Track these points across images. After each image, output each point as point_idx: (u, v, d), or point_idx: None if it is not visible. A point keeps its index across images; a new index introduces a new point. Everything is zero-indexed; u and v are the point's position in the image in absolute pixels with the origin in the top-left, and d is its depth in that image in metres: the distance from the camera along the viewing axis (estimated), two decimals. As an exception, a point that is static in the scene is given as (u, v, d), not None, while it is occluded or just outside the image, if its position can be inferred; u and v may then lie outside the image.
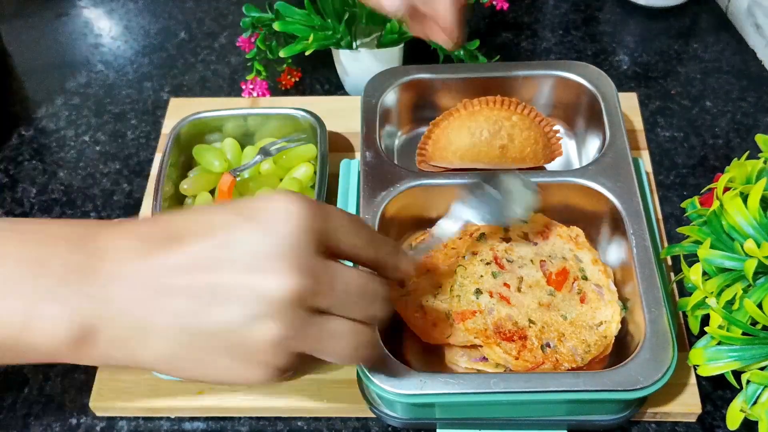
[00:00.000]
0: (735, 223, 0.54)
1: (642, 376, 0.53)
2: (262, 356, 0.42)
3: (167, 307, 0.41)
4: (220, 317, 0.41)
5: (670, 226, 0.72)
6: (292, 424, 0.62)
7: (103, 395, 0.62)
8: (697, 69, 0.87)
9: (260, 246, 0.41)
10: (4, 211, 0.77)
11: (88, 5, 0.98)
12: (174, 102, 0.82)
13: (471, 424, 0.59)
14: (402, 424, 0.60)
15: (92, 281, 0.41)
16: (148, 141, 0.82)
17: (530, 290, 0.60)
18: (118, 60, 0.91)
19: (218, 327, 0.41)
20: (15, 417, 0.63)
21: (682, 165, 0.78)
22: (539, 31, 0.92)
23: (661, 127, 0.81)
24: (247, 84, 0.82)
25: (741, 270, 0.53)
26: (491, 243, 0.62)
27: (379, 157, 0.66)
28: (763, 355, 0.53)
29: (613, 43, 0.90)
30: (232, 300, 0.41)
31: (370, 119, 0.69)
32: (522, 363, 0.56)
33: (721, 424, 0.61)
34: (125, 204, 0.77)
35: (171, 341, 0.42)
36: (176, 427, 0.63)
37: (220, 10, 0.96)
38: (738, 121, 0.81)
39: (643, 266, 0.59)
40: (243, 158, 0.74)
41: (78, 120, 0.85)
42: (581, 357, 0.57)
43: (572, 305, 0.60)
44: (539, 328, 0.58)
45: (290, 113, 0.74)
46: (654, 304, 0.57)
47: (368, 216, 0.62)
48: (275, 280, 0.41)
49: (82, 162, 0.81)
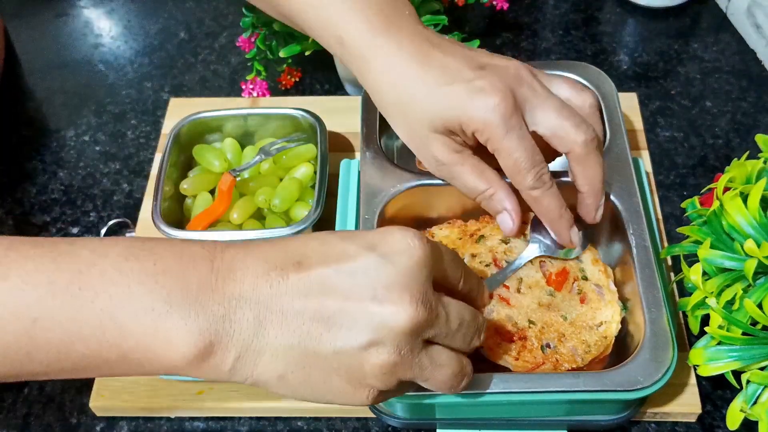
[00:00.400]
0: (735, 223, 0.54)
1: (642, 377, 0.53)
2: (372, 380, 0.45)
3: (290, 328, 0.44)
4: (340, 341, 0.44)
5: (670, 226, 0.72)
6: (292, 424, 0.62)
7: (103, 395, 0.62)
8: (697, 69, 0.87)
9: (382, 277, 0.44)
10: (4, 211, 0.77)
11: (88, 5, 0.98)
12: (174, 102, 0.82)
13: (471, 424, 0.59)
14: (402, 425, 0.60)
15: (219, 300, 0.43)
16: (148, 141, 0.82)
17: (530, 291, 0.60)
18: (118, 60, 0.91)
19: (336, 350, 0.44)
20: (15, 417, 0.63)
21: (682, 165, 0.78)
22: (539, 31, 0.92)
23: (661, 127, 0.81)
24: (247, 84, 0.82)
25: (741, 270, 0.53)
26: (490, 245, 0.62)
27: (379, 157, 0.66)
28: (763, 355, 0.53)
29: (613, 43, 0.90)
30: (352, 325, 0.44)
31: (370, 119, 0.69)
32: (522, 364, 0.56)
33: (721, 424, 0.61)
34: (125, 204, 0.77)
35: (290, 362, 0.44)
36: (176, 427, 0.63)
37: (220, 10, 0.96)
38: (738, 121, 0.81)
39: (643, 266, 0.59)
40: (243, 158, 0.74)
41: (78, 120, 0.85)
42: (581, 357, 0.57)
43: (572, 305, 0.60)
44: (539, 328, 0.58)
45: (290, 113, 0.74)
46: (654, 304, 0.57)
47: (368, 216, 0.62)
48: (395, 310, 0.43)
49: (82, 162, 0.81)
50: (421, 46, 0.55)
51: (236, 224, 0.69)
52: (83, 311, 0.42)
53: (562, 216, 0.57)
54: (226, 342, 0.43)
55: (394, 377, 0.45)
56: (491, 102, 0.52)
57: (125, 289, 0.43)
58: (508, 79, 0.53)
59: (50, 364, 0.43)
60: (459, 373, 0.48)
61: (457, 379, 0.48)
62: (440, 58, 0.55)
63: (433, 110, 0.54)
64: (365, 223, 0.62)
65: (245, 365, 0.44)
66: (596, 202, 0.58)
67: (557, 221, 0.57)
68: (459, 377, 0.49)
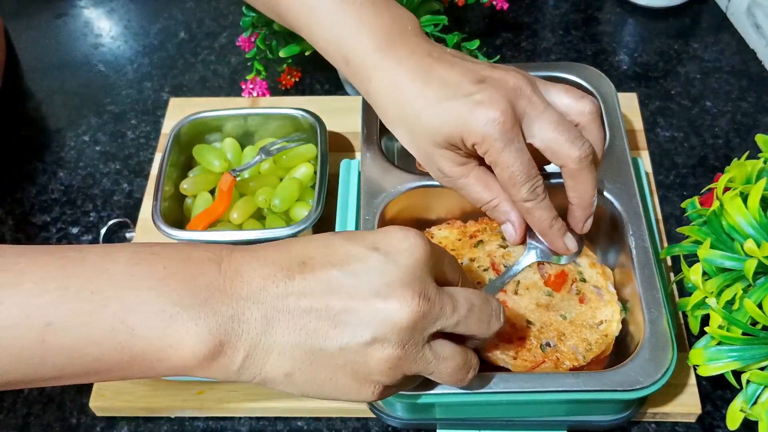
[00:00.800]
0: (735, 223, 0.54)
1: (642, 377, 0.53)
2: (377, 376, 0.46)
3: (297, 326, 0.45)
4: (345, 338, 0.45)
5: (670, 226, 0.72)
6: (292, 424, 0.62)
7: (103, 395, 0.62)
8: (697, 69, 0.87)
9: (385, 275, 0.45)
10: (4, 211, 0.77)
11: (88, 5, 0.98)
12: (174, 102, 0.82)
13: (471, 424, 0.59)
14: (402, 425, 0.60)
15: (228, 301, 0.44)
16: (148, 141, 0.82)
17: (527, 292, 0.60)
18: (118, 60, 0.91)
19: (342, 346, 0.45)
20: (15, 417, 0.63)
21: (682, 165, 0.78)
22: (539, 31, 0.92)
23: (661, 127, 0.81)
24: (247, 84, 0.82)
25: (741, 270, 0.53)
26: (489, 249, 0.62)
27: (379, 158, 0.66)
28: (763, 355, 0.53)
29: (612, 43, 0.90)
30: (356, 322, 0.45)
31: (370, 119, 0.69)
32: (521, 363, 0.56)
33: (721, 424, 0.61)
34: (125, 204, 0.77)
35: (297, 359, 0.45)
36: (176, 427, 0.63)
37: (220, 10, 0.96)
38: (738, 121, 0.81)
39: (643, 266, 0.59)
40: (243, 158, 0.74)
41: (78, 120, 0.85)
42: (583, 355, 0.57)
43: (571, 305, 0.60)
44: (538, 328, 0.58)
45: (290, 113, 0.74)
46: (654, 305, 0.57)
47: (368, 217, 0.62)
48: (397, 305, 0.45)
49: (82, 162, 0.81)
50: (422, 61, 0.56)
51: (236, 224, 0.69)
52: (95, 315, 0.43)
53: (552, 226, 0.58)
54: (235, 342, 0.44)
55: (399, 372, 0.46)
56: (491, 116, 0.53)
57: (136, 293, 0.43)
58: (507, 92, 0.54)
59: (63, 369, 0.43)
60: (464, 366, 0.49)
61: (463, 372, 0.49)
62: (441, 73, 0.55)
63: (435, 125, 0.55)
64: (366, 223, 0.62)
65: (253, 364, 0.45)
66: (585, 216, 0.59)
67: (548, 231, 0.58)
68: (464, 370, 0.49)
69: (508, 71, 0.56)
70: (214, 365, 0.45)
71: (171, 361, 0.44)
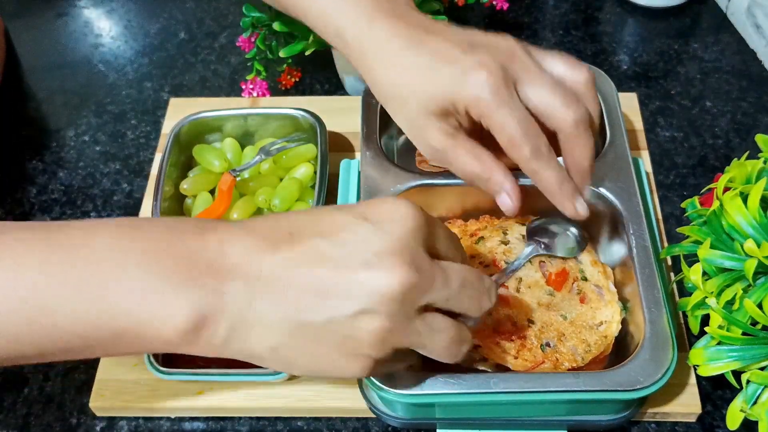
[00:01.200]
0: (735, 223, 0.54)
1: (642, 377, 0.53)
2: (366, 349, 0.44)
3: (282, 299, 0.43)
4: (331, 310, 0.43)
5: (670, 226, 0.72)
6: (292, 424, 0.62)
7: (103, 395, 0.62)
8: (697, 69, 0.87)
9: (374, 244, 0.43)
10: (4, 211, 0.77)
11: (88, 5, 0.98)
12: (174, 102, 0.82)
13: (471, 424, 0.59)
14: (402, 424, 0.60)
15: (211, 273, 0.43)
16: (148, 141, 0.82)
17: (529, 290, 0.60)
18: (118, 60, 0.91)
19: (329, 319, 0.43)
20: (15, 417, 0.63)
21: (682, 165, 0.78)
22: (539, 31, 0.92)
23: (661, 127, 0.81)
24: (247, 84, 0.82)
25: (741, 270, 0.53)
26: (490, 246, 0.62)
27: (379, 157, 0.66)
28: (763, 355, 0.53)
29: (613, 43, 0.90)
30: (344, 294, 0.43)
31: (370, 119, 0.69)
32: (521, 362, 0.56)
33: (721, 424, 0.61)
34: (125, 204, 0.77)
35: (284, 333, 0.44)
36: (176, 427, 0.63)
37: (220, 10, 0.96)
38: (738, 121, 0.81)
39: (643, 266, 0.59)
40: (243, 158, 0.74)
41: (78, 120, 0.85)
42: (581, 357, 0.57)
43: (572, 305, 0.60)
44: (539, 327, 0.58)
45: (290, 113, 0.74)
46: (654, 305, 0.57)
47: (368, 216, 0.62)
48: (385, 275, 0.43)
49: (82, 162, 0.81)
50: (415, 32, 0.55)
51: (236, 224, 0.69)
52: (76, 290, 0.42)
53: (561, 187, 0.55)
54: (217, 315, 0.43)
55: (388, 345, 0.45)
56: (481, 77, 0.52)
57: (118, 267, 0.43)
58: (499, 56, 0.53)
59: (43, 345, 0.43)
60: (457, 340, 0.48)
61: (456, 346, 0.48)
62: (433, 43, 0.54)
63: (427, 93, 0.54)
64: (365, 223, 0.62)
65: (238, 338, 0.44)
66: (582, 184, 0.57)
67: (558, 192, 0.55)
68: (457, 344, 0.48)
69: (503, 37, 0.55)
70: (198, 340, 0.44)
71: (154, 336, 0.43)
